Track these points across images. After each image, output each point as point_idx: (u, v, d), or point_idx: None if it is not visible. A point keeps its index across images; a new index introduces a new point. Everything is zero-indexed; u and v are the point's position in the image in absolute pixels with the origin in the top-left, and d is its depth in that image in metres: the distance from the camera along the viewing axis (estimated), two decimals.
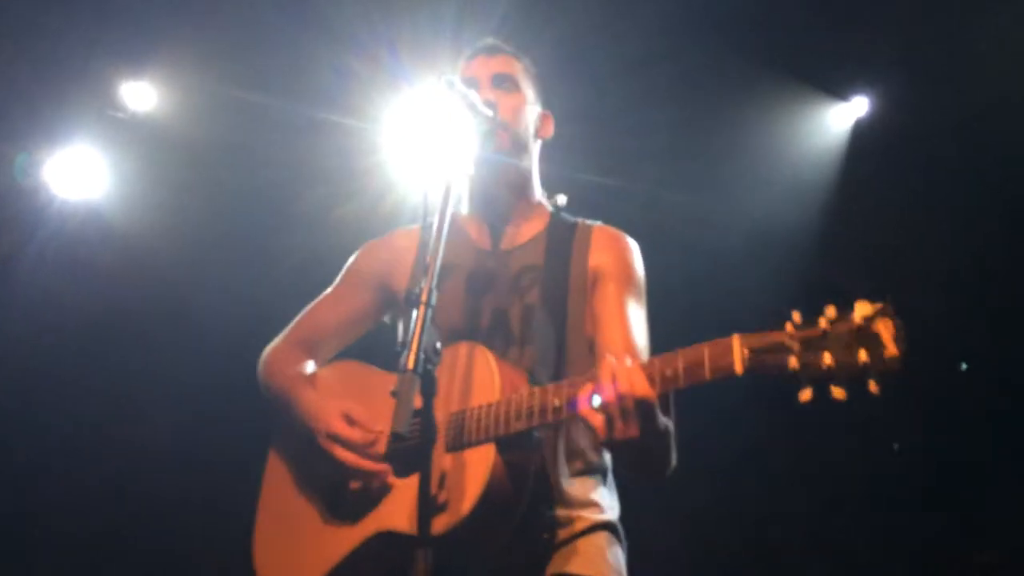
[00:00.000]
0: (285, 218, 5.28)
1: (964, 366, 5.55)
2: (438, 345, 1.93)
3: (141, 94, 5.17)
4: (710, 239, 5.24)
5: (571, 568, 2.29)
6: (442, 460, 2.17)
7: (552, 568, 2.29)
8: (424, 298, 1.94)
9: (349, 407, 2.36)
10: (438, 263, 2.01)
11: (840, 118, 5.41)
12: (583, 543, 2.33)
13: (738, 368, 1.82)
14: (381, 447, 2.30)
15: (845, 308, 1.75)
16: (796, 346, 1.76)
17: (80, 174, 5.19)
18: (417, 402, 1.86)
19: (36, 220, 5.15)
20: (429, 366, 1.89)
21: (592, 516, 2.37)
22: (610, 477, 2.50)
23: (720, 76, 5.05)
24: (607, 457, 2.49)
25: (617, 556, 2.39)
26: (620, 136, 5.06)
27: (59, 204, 5.20)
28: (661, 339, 2.54)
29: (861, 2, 4.82)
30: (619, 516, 2.46)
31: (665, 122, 5.11)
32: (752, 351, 1.81)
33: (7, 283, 5.11)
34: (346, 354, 2.70)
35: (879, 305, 1.74)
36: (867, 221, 5.34)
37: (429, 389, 1.91)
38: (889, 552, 5.40)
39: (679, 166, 5.26)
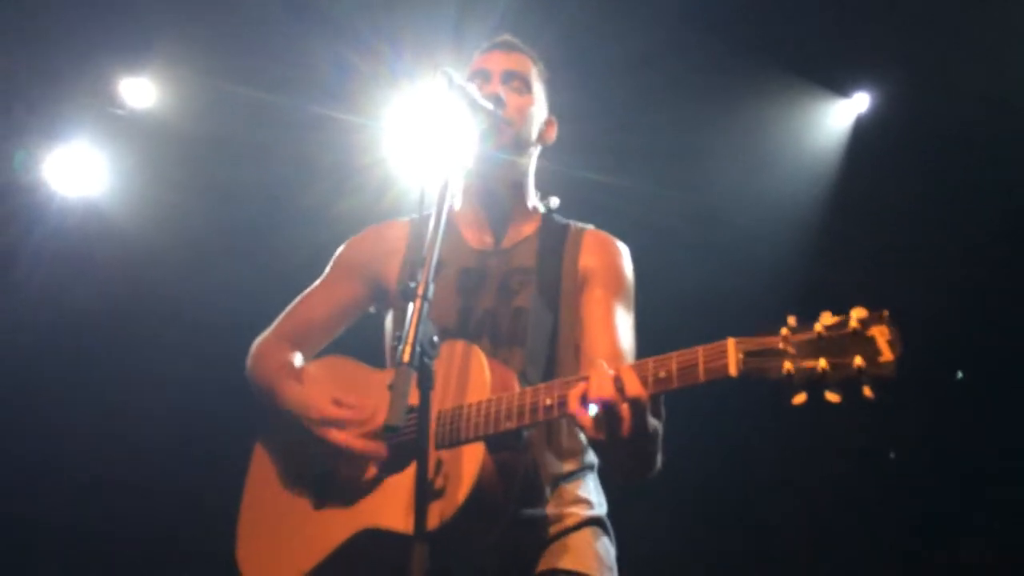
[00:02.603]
0: (285, 214, 5.27)
1: (960, 375, 5.52)
2: (435, 339, 1.92)
3: (140, 90, 5.17)
4: (710, 236, 5.23)
5: (561, 564, 2.29)
6: (432, 457, 2.15)
7: (542, 565, 2.30)
8: (421, 291, 1.93)
9: (338, 393, 2.34)
10: (435, 257, 2.00)
11: (841, 114, 5.41)
12: (573, 538, 2.34)
13: (732, 371, 1.81)
14: (375, 424, 2.27)
15: (842, 313, 1.74)
16: (791, 350, 1.76)
17: (79, 171, 5.19)
18: (413, 396, 1.84)
19: (35, 217, 5.15)
20: (426, 359, 1.89)
21: (582, 512, 2.38)
22: (597, 473, 2.51)
23: (720, 73, 5.04)
24: (596, 457, 2.49)
25: (607, 549, 2.40)
26: (618, 133, 5.05)
27: (58, 201, 5.19)
28: (661, 335, 2.53)
29: None
30: (607, 512, 2.47)
31: (664, 119, 5.10)
32: (747, 354, 1.81)
33: (5, 280, 5.10)
34: (331, 349, 2.69)
35: (876, 311, 1.73)
36: (868, 218, 5.33)
37: (426, 383, 1.90)
38: (877, 548, 5.40)
39: (679, 163, 5.25)
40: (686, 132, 5.17)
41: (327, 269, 2.73)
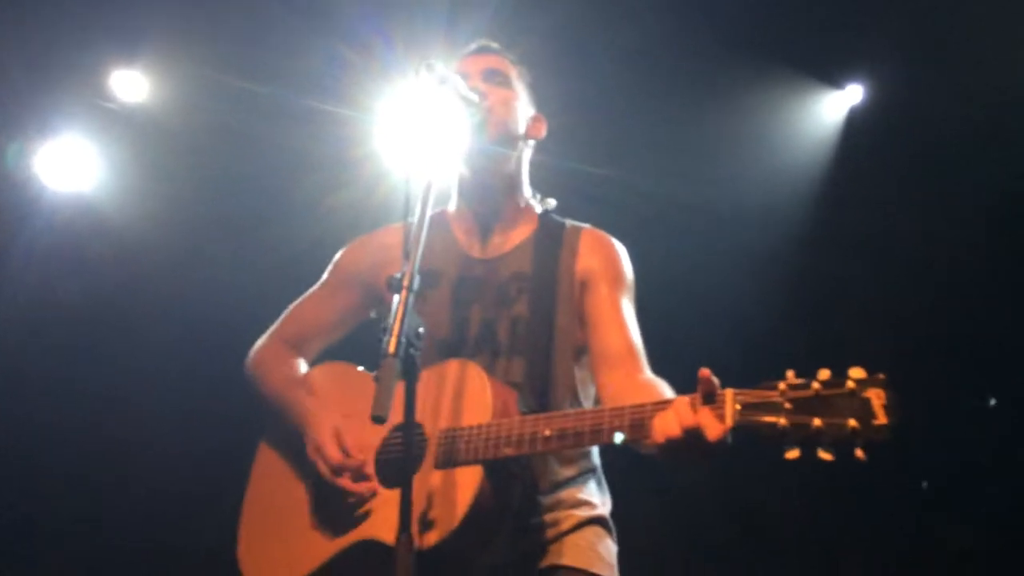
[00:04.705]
0: (277, 208, 5.26)
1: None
2: (421, 330, 1.92)
3: (132, 84, 5.15)
4: (703, 229, 5.23)
5: (562, 561, 2.32)
6: (430, 476, 2.17)
7: (543, 563, 2.32)
8: (406, 283, 1.94)
9: (343, 428, 2.36)
10: (420, 249, 2.01)
11: (834, 106, 5.38)
12: (575, 537, 2.36)
13: (729, 421, 1.83)
14: (366, 470, 2.32)
15: (839, 372, 1.77)
16: (787, 405, 1.78)
17: (71, 165, 5.16)
18: (399, 391, 1.85)
19: (26, 212, 5.13)
20: (412, 350, 1.89)
21: (582, 513, 2.40)
22: (600, 473, 2.53)
23: (712, 64, 5.03)
24: (597, 458, 2.53)
25: (608, 548, 2.42)
26: (610, 125, 5.04)
27: (50, 195, 5.18)
28: (656, 329, 2.53)
29: None
30: (610, 511, 2.48)
31: (657, 112, 5.09)
32: (744, 406, 1.83)
33: None
34: (332, 352, 2.72)
35: (874, 374, 1.75)
36: (861, 210, 5.33)
37: (411, 373, 1.91)
38: (869, 537, 5.42)
39: (671, 156, 5.24)
40: (678, 124, 5.16)
41: (325, 275, 2.74)
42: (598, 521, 2.42)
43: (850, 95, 5.36)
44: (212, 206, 5.29)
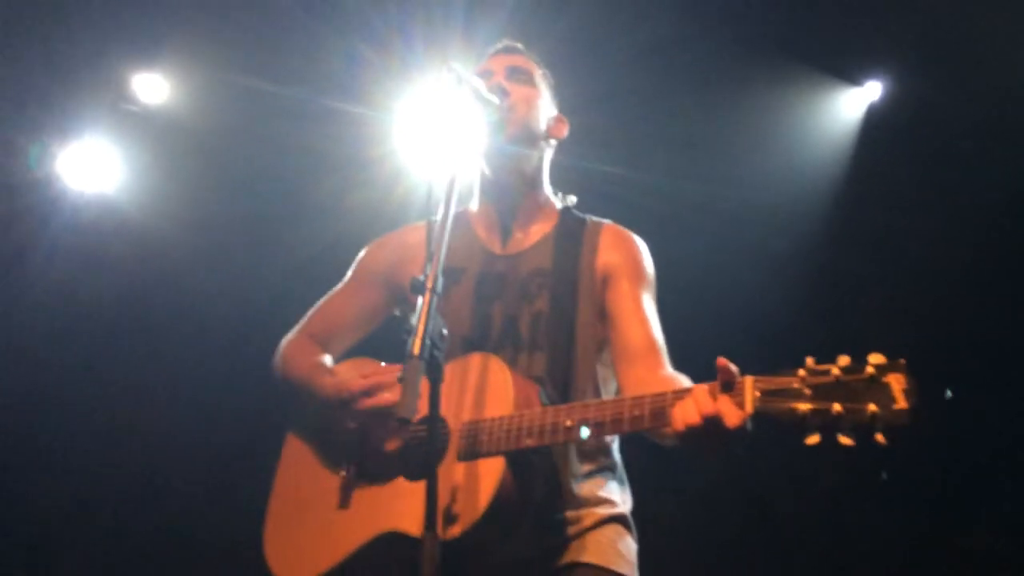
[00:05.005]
0: (298, 208, 5.29)
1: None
2: (444, 331, 1.94)
3: (153, 86, 5.19)
4: (721, 226, 5.22)
5: (584, 558, 2.33)
6: (453, 468, 2.18)
7: (564, 560, 2.33)
8: (430, 285, 1.95)
9: (366, 370, 2.39)
10: (443, 250, 2.02)
11: (853, 104, 5.36)
12: (596, 535, 2.37)
13: (748, 408, 1.84)
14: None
15: (859, 358, 1.77)
16: (807, 391, 1.78)
17: (93, 166, 5.22)
18: (424, 389, 1.86)
19: (49, 212, 5.18)
20: (436, 352, 1.90)
21: (603, 511, 2.41)
22: (621, 472, 2.54)
23: (731, 62, 5.02)
24: (618, 455, 2.54)
25: (628, 546, 2.42)
26: (630, 124, 5.04)
27: (72, 196, 5.23)
28: (675, 327, 2.54)
29: None
30: (631, 509, 2.49)
31: (675, 110, 5.09)
32: (764, 392, 1.83)
33: (21, 275, 5.13)
34: (357, 350, 2.72)
35: (894, 359, 1.75)
36: (880, 208, 5.30)
37: (435, 375, 1.92)
38: (878, 536, 5.40)
39: (689, 154, 5.24)
40: (697, 122, 5.16)
41: (349, 272, 2.76)
42: (619, 519, 2.43)
43: (869, 92, 5.34)
44: (232, 206, 5.33)
